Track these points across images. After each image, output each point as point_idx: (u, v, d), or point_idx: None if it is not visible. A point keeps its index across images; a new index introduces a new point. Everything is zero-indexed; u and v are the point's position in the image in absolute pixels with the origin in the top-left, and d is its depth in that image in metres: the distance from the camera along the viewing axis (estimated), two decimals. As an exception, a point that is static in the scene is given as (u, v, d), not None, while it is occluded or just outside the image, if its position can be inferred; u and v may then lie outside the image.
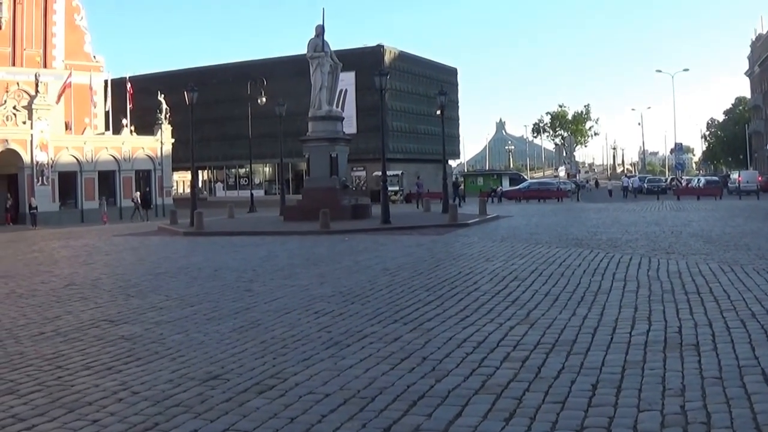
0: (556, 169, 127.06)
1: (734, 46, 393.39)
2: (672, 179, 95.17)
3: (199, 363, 9.03)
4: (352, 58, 68.64)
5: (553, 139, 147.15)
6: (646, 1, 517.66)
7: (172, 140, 67.23)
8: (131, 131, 65.46)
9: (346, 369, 8.46)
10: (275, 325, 11.30)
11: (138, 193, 61.86)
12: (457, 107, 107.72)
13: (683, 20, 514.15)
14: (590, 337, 9.60)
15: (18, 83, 61.81)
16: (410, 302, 12.85)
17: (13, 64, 63.75)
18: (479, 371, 8.17)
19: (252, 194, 65.83)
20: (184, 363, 9.06)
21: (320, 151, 39.88)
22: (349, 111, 77.12)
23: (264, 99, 62.77)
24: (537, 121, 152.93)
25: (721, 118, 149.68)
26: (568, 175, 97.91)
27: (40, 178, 57.56)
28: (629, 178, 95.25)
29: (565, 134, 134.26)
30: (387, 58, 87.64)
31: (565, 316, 11.06)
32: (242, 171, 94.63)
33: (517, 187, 78.70)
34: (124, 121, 65.14)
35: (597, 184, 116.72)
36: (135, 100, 67.87)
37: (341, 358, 9.01)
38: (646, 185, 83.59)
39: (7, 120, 56.36)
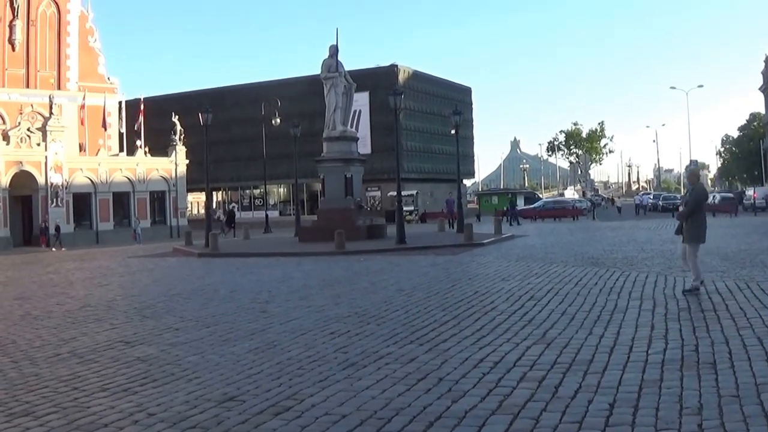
0: (565, 189, 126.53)
1: (748, 62, 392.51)
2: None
3: (215, 384, 9.03)
4: (366, 78, 68.82)
5: (568, 158, 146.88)
6: (660, 19, 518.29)
7: (187, 161, 67.47)
8: (145, 152, 65.79)
9: (362, 390, 8.45)
10: (291, 346, 11.29)
11: (221, 210, 62.01)
12: (472, 126, 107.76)
13: (697, 37, 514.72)
14: (607, 357, 9.56)
15: (32, 105, 62.36)
16: (426, 322, 12.83)
17: (27, 86, 64.24)
18: (496, 391, 8.15)
19: (267, 215, 66.12)
20: (200, 384, 9.06)
21: (335, 172, 39.95)
22: (364, 131, 77.17)
23: (278, 120, 63.07)
24: (551, 140, 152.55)
25: (735, 134, 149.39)
26: (584, 193, 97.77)
27: (54, 200, 57.84)
28: (642, 195, 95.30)
29: (580, 152, 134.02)
30: (401, 77, 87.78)
31: (582, 336, 11.02)
32: (257, 192, 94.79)
33: (532, 205, 78.45)
34: (139, 143, 65.47)
35: (613, 201, 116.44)
36: (150, 122, 68.23)
37: (357, 379, 9.00)
38: (661, 203, 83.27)
39: (22, 142, 56.72)
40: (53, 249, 50.26)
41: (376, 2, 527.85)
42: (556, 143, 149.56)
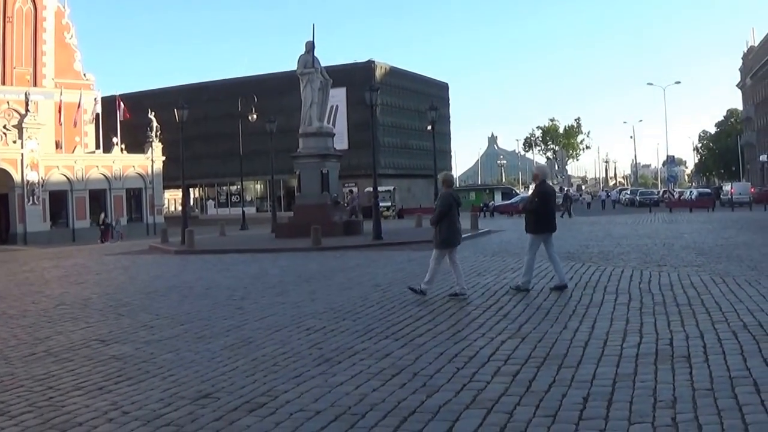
0: (527, 188, 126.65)
1: (726, 59, 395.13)
2: (664, 192, 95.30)
3: (190, 382, 8.99)
4: (342, 74, 68.96)
5: (545, 153, 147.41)
6: (637, 15, 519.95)
7: (163, 158, 67.28)
8: (122, 149, 65.51)
9: (336, 386, 8.43)
10: (266, 342, 11.27)
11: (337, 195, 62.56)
12: (449, 122, 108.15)
13: (674, 33, 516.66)
14: (581, 351, 9.59)
15: (8, 102, 62.02)
16: (401, 318, 12.83)
17: (3, 83, 63.89)
18: (470, 386, 8.15)
19: (243, 211, 65.91)
20: (175, 382, 9.02)
21: (311, 168, 39.90)
22: (340, 127, 77.28)
23: (255, 116, 62.88)
24: (528, 135, 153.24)
25: (713, 130, 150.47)
26: (561, 189, 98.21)
27: (30, 198, 57.52)
28: (604, 191, 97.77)
29: (557, 148, 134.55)
30: (378, 73, 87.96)
31: (556, 330, 11.05)
32: (234, 188, 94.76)
33: (509, 201, 78.57)
34: (115, 139, 65.17)
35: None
36: (125, 118, 67.81)
37: (332, 374, 8.98)
38: (638, 198, 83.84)
39: (-2, 139, 56.43)
40: (108, 242, 50.82)
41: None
42: (533, 139, 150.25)
